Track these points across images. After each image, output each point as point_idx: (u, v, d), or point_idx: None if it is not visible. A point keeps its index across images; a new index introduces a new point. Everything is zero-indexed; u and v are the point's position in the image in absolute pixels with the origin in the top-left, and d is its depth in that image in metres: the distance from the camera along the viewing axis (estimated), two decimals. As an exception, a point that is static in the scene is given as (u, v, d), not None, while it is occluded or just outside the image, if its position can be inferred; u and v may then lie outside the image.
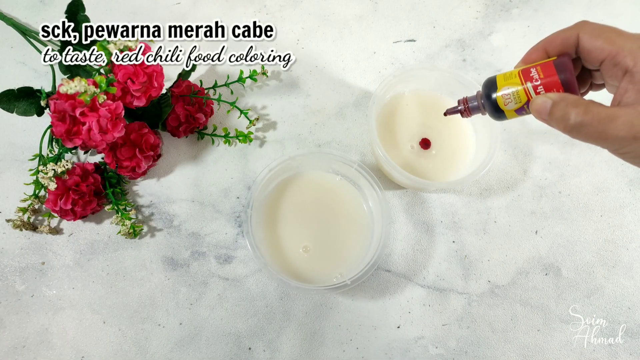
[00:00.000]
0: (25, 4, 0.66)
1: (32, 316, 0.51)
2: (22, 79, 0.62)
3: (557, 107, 0.32)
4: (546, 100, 0.33)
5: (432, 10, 0.69)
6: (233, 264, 0.54)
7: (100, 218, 0.56)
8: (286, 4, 0.68)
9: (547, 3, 0.70)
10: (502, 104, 0.36)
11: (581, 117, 0.30)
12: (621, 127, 0.28)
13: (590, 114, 0.30)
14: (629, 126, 0.28)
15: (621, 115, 0.29)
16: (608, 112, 0.29)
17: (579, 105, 0.31)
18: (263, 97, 0.62)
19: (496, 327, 0.53)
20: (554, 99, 0.32)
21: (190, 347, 0.51)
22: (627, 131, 0.28)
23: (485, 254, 0.56)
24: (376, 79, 0.64)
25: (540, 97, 0.34)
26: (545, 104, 0.33)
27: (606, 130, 0.29)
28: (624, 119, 0.28)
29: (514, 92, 0.35)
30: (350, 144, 0.60)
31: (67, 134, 0.46)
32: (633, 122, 0.28)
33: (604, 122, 0.29)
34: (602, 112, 0.29)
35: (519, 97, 0.35)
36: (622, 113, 0.29)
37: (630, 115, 0.28)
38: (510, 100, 0.36)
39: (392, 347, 0.52)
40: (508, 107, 0.36)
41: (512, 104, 0.36)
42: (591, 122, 0.30)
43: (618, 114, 0.29)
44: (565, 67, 0.33)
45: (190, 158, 0.59)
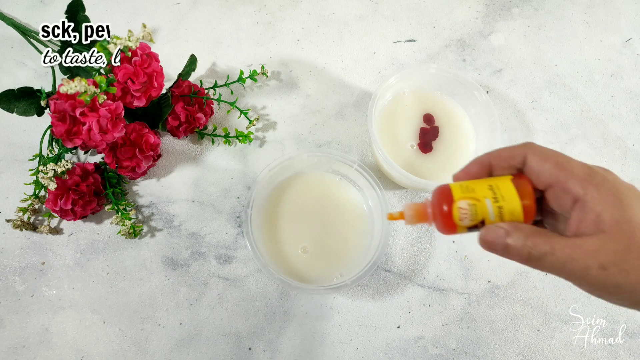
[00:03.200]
0: (25, 4, 0.66)
1: (32, 316, 0.51)
2: (22, 79, 0.62)
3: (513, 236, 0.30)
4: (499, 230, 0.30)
5: (432, 10, 0.69)
6: (233, 264, 0.54)
7: (100, 218, 0.56)
8: (286, 4, 0.68)
9: (548, 3, 0.70)
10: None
11: (543, 248, 0.29)
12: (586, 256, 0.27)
13: (552, 243, 0.28)
14: (594, 255, 0.27)
15: (584, 244, 0.28)
16: (571, 242, 0.28)
17: (539, 234, 0.29)
18: (263, 97, 0.62)
19: (496, 327, 0.53)
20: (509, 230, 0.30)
21: (190, 347, 0.51)
22: (592, 260, 0.27)
23: (485, 254, 0.55)
24: (376, 79, 0.64)
25: (492, 227, 0.31)
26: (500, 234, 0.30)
27: (571, 260, 0.28)
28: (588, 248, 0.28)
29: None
30: (350, 144, 0.60)
31: (67, 134, 0.46)
32: (598, 251, 0.27)
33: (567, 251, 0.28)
34: (563, 241, 0.28)
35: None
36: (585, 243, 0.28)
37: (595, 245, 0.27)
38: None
39: (392, 347, 0.52)
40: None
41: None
42: (554, 252, 0.28)
43: (581, 244, 0.28)
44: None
45: (190, 158, 0.59)
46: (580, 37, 0.68)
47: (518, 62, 0.66)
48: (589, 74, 0.66)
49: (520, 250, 0.30)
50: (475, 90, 0.56)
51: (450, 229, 0.33)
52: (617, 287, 0.28)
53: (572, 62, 0.67)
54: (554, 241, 0.29)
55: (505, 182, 0.32)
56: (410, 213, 0.36)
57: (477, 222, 0.32)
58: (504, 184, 0.31)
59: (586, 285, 0.29)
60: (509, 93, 0.64)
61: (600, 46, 0.68)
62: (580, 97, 0.64)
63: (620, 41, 0.68)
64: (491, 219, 0.31)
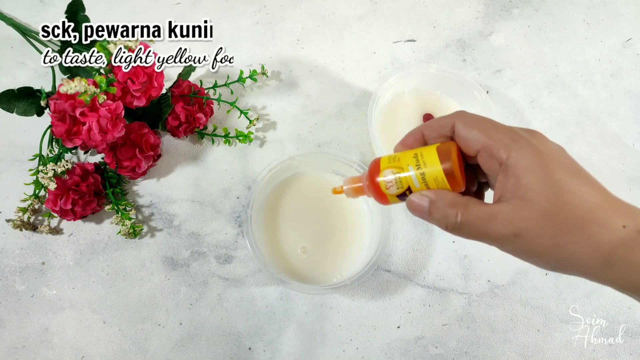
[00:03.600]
0: (25, 4, 0.66)
1: (32, 316, 0.51)
2: (22, 79, 0.62)
3: (434, 206, 0.31)
4: (423, 198, 0.31)
5: (432, 10, 0.69)
6: (233, 264, 0.54)
7: (100, 218, 0.56)
8: (286, 4, 0.68)
9: (548, 3, 0.70)
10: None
11: (460, 218, 0.29)
12: (501, 225, 0.28)
13: (469, 213, 0.29)
14: (509, 223, 0.28)
15: (500, 212, 0.28)
16: (487, 210, 0.29)
17: (458, 204, 0.30)
18: (263, 97, 0.62)
19: (496, 327, 0.53)
20: (431, 198, 0.31)
21: (190, 347, 0.51)
22: (506, 229, 0.28)
23: (485, 254, 0.56)
24: (376, 79, 0.64)
25: (416, 195, 0.32)
26: (423, 203, 0.31)
27: (487, 229, 0.28)
28: (503, 216, 0.28)
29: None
30: (350, 144, 0.60)
31: (67, 134, 0.46)
32: (512, 219, 0.28)
33: (484, 221, 0.29)
34: (481, 210, 0.29)
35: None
36: (501, 210, 0.28)
37: (509, 212, 0.28)
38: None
39: (392, 347, 0.52)
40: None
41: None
42: (471, 222, 0.29)
43: (497, 212, 0.28)
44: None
45: (190, 158, 0.59)
46: (580, 38, 0.68)
47: (518, 62, 0.66)
48: (589, 74, 0.66)
49: (440, 220, 0.31)
50: (475, 90, 0.56)
51: (382, 198, 0.34)
52: (533, 253, 0.28)
53: (573, 62, 0.67)
54: (471, 211, 0.29)
55: (430, 149, 0.32)
56: (348, 186, 0.37)
57: (404, 190, 0.33)
58: (428, 151, 0.32)
59: (506, 251, 0.30)
60: (509, 93, 0.64)
61: (601, 46, 0.68)
62: (579, 97, 0.64)
63: (620, 41, 0.68)
64: (416, 186, 0.32)
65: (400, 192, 0.33)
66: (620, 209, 0.28)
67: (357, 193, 0.37)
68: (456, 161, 0.31)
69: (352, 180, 0.37)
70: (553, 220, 0.27)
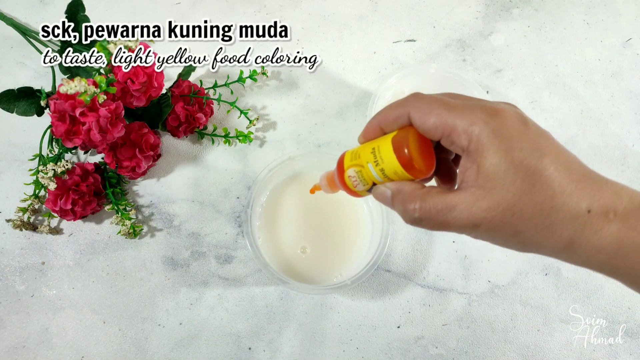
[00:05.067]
0: (25, 4, 0.66)
1: (32, 316, 0.51)
2: (22, 79, 0.62)
3: (395, 199, 0.30)
4: (385, 191, 0.31)
5: (432, 10, 0.69)
6: (233, 264, 0.54)
7: (100, 218, 0.56)
8: (286, 4, 0.68)
9: (548, 3, 0.70)
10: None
11: (418, 213, 0.29)
12: (459, 216, 0.27)
13: (427, 206, 0.28)
14: (467, 214, 0.27)
15: (458, 203, 0.27)
16: (445, 201, 0.28)
17: (415, 198, 0.29)
18: (263, 97, 0.62)
19: (496, 327, 0.53)
20: (392, 190, 0.30)
21: (190, 347, 0.51)
22: (465, 220, 0.27)
23: (485, 254, 0.56)
24: (376, 79, 0.64)
25: (379, 188, 0.31)
26: (386, 195, 0.31)
27: (446, 221, 0.28)
28: (461, 207, 0.27)
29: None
30: (350, 145, 0.60)
31: (67, 134, 0.46)
32: (470, 209, 0.27)
33: (443, 213, 0.28)
34: (439, 203, 0.28)
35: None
36: (460, 201, 0.27)
37: (467, 202, 0.27)
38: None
39: (392, 347, 0.52)
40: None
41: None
42: (429, 216, 0.28)
43: (455, 202, 0.27)
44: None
45: (190, 158, 0.59)
46: (580, 38, 0.68)
47: (518, 62, 0.66)
48: (589, 74, 0.66)
49: (401, 213, 0.30)
50: (475, 90, 0.56)
51: (353, 194, 0.35)
52: (493, 240, 0.28)
53: (573, 62, 0.67)
54: (429, 204, 0.28)
55: (386, 142, 0.31)
56: (324, 183, 0.38)
57: (370, 186, 0.32)
58: (384, 144, 0.31)
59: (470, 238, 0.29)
60: (509, 93, 0.64)
61: (601, 47, 0.68)
62: (580, 97, 0.64)
63: (620, 41, 0.68)
64: (379, 180, 0.32)
65: (367, 188, 0.33)
66: (587, 190, 0.26)
67: (333, 188, 0.37)
68: (414, 149, 0.29)
69: (326, 177, 0.38)
70: (513, 210, 0.26)
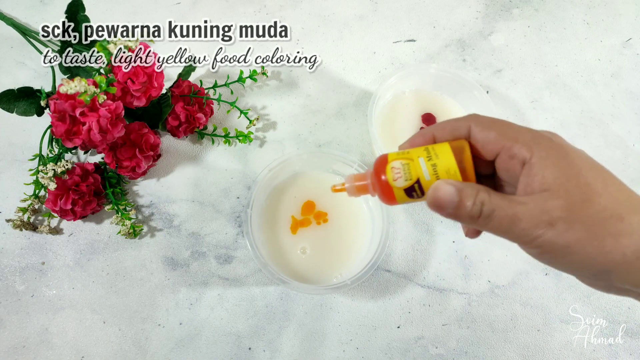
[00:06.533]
0: (25, 4, 0.66)
1: (32, 316, 0.51)
2: (22, 79, 0.62)
3: (464, 193, 0.28)
4: (449, 187, 0.29)
5: (432, 10, 0.69)
6: (233, 264, 0.54)
7: (100, 218, 0.56)
8: (286, 4, 0.68)
9: (548, 3, 0.70)
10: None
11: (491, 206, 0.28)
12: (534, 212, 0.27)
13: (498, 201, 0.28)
14: (542, 211, 0.27)
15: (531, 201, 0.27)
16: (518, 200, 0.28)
17: (487, 192, 0.28)
18: (263, 97, 0.62)
19: (496, 327, 0.53)
20: (458, 186, 0.29)
21: (190, 347, 0.51)
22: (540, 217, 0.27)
23: (485, 254, 0.56)
24: (376, 79, 0.64)
25: (441, 184, 0.29)
26: (450, 192, 0.29)
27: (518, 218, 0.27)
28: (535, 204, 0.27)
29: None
30: (350, 144, 0.60)
31: (67, 134, 0.46)
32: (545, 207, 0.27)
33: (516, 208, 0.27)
34: (511, 200, 0.28)
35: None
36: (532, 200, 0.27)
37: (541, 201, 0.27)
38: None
39: (392, 347, 0.52)
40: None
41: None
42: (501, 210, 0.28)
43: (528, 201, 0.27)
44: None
45: (190, 158, 0.59)
46: (580, 38, 0.68)
47: (518, 62, 0.66)
48: (589, 74, 0.66)
49: (471, 209, 0.28)
50: (475, 90, 0.56)
51: (388, 195, 0.32)
52: (565, 247, 0.27)
53: (573, 62, 0.67)
54: (500, 199, 0.28)
55: (442, 144, 0.31)
56: (351, 184, 0.35)
57: (413, 182, 0.31)
58: (439, 145, 0.31)
59: (535, 247, 0.28)
60: (509, 93, 0.64)
61: (601, 47, 0.68)
62: (580, 97, 0.64)
63: (620, 41, 0.68)
64: (426, 178, 0.30)
65: (408, 185, 0.31)
66: None
67: (359, 191, 0.35)
68: (469, 158, 0.30)
69: (355, 177, 0.36)
70: (582, 212, 0.26)
